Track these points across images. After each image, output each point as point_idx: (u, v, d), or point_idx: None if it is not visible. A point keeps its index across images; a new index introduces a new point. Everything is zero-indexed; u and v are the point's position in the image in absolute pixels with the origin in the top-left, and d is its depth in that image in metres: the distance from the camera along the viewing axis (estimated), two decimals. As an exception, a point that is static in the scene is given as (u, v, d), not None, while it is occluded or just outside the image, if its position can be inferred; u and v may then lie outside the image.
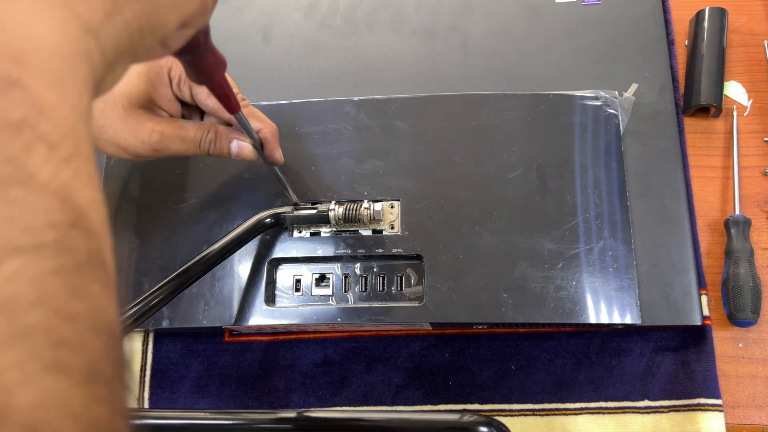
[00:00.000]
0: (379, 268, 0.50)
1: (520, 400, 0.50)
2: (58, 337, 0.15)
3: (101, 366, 0.16)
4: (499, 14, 0.58)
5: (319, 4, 0.61)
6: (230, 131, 0.45)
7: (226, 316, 0.50)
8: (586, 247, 0.48)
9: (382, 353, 0.52)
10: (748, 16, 0.60)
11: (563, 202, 0.49)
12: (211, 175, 0.54)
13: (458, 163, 0.51)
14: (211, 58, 0.33)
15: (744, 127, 0.56)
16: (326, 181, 0.52)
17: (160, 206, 0.53)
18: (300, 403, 0.51)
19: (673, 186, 0.51)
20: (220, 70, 0.35)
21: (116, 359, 0.17)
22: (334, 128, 0.53)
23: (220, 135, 0.45)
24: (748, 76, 0.58)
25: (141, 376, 0.53)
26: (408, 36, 0.59)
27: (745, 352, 0.50)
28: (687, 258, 0.48)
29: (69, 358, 0.15)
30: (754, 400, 0.48)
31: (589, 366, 0.50)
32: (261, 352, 0.53)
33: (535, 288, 0.47)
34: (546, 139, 0.51)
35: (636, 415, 0.48)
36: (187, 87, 0.45)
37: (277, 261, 0.51)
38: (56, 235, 0.16)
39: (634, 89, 0.53)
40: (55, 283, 0.16)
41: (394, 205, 0.51)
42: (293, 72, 0.58)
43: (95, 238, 0.17)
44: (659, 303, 0.47)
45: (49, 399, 0.14)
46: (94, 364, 0.16)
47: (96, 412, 0.16)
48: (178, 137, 0.44)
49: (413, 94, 0.54)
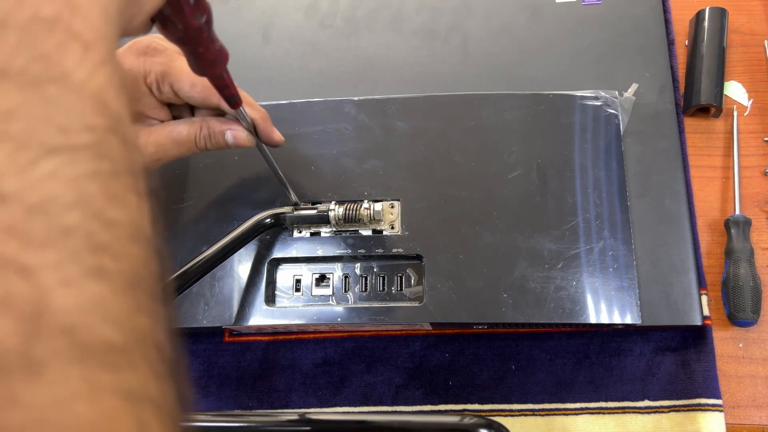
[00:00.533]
0: (379, 268, 0.50)
1: (520, 400, 0.50)
2: (98, 241, 0.15)
3: (143, 275, 0.16)
4: (499, 14, 0.58)
5: (319, 4, 0.61)
6: (222, 122, 0.44)
7: (226, 316, 0.50)
8: (586, 247, 0.48)
9: (382, 353, 0.52)
10: (748, 16, 0.60)
11: (563, 202, 0.49)
12: (211, 175, 0.54)
13: (458, 163, 0.51)
14: (214, 49, 0.34)
15: (744, 127, 0.56)
16: (326, 181, 0.52)
17: (160, 206, 0.53)
18: (300, 403, 0.51)
19: (673, 186, 0.51)
20: (222, 62, 0.35)
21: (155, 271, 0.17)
22: (334, 128, 0.53)
23: (213, 129, 0.44)
24: (748, 76, 0.58)
25: (141, 376, 0.53)
26: (408, 36, 0.59)
27: (745, 352, 0.50)
28: (687, 258, 0.48)
29: (110, 263, 0.15)
30: (755, 400, 0.48)
31: (589, 366, 0.50)
32: (261, 352, 0.53)
33: (535, 288, 0.47)
34: (546, 139, 0.51)
35: (636, 415, 0.48)
36: (168, 86, 0.43)
37: (277, 261, 0.51)
38: (94, 138, 0.15)
39: (634, 89, 0.53)
40: (94, 187, 0.15)
41: (394, 205, 0.51)
42: (293, 72, 0.58)
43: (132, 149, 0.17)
44: (659, 303, 0.47)
45: (90, 303, 0.14)
46: (135, 273, 0.15)
47: (139, 320, 0.15)
48: (172, 142, 0.43)
49: (413, 94, 0.54)
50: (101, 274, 0.14)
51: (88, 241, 0.14)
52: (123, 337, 0.14)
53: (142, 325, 0.15)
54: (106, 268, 0.15)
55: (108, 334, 0.14)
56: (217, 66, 0.35)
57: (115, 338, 0.14)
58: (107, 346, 0.14)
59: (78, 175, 0.15)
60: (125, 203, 0.16)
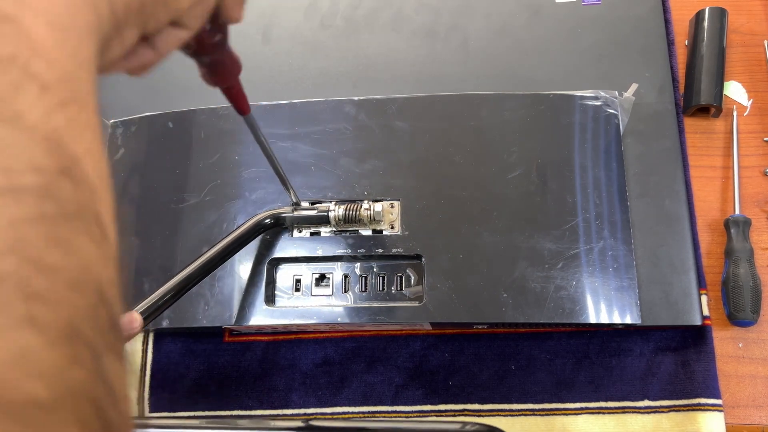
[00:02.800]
0: (379, 268, 0.50)
1: (520, 400, 0.50)
2: (32, 289, 0.14)
3: (82, 326, 0.15)
4: (499, 14, 0.58)
5: (319, 4, 0.61)
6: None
7: (226, 316, 0.50)
8: (586, 247, 0.48)
9: (382, 353, 0.52)
10: (748, 16, 0.60)
11: (563, 202, 0.49)
12: (211, 175, 0.54)
13: (458, 163, 0.51)
14: (228, 61, 0.33)
15: (744, 127, 0.56)
16: (326, 181, 0.52)
17: (160, 206, 0.53)
18: (300, 403, 0.51)
19: (673, 186, 0.51)
20: (236, 73, 0.35)
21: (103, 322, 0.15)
22: (334, 128, 0.53)
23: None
24: (748, 76, 0.58)
25: (141, 376, 0.53)
26: (408, 36, 0.59)
27: (745, 352, 0.50)
28: (687, 258, 0.48)
29: (43, 313, 0.14)
30: (754, 400, 0.48)
31: (589, 366, 0.50)
32: (261, 352, 0.53)
33: (535, 288, 0.47)
34: (546, 139, 0.51)
35: (636, 415, 0.48)
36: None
37: (277, 261, 0.51)
38: (40, 180, 0.15)
39: (634, 89, 0.53)
40: (33, 231, 0.14)
41: (394, 205, 0.51)
42: (293, 72, 0.58)
43: (89, 190, 0.16)
44: (659, 303, 0.47)
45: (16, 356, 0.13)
46: (73, 324, 0.14)
47: (73, 374, 0.14)
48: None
49: (413, 94, 0.54)
50: (32, 324, 0.13)
51: (19, 288, 0.13)
52: (51, 393, 0.13)
53: (77, 379, 0.14)
54: (39, 318, 0.14)
55: (33, 389, 0.13)
56: (230, 78, 0.35)
57: (42, 394, 0.13)
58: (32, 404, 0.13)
59: (17, 219, 0.14)
60: (70, 248, 0.15)
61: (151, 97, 0.58)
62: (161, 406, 0.53)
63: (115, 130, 0.57)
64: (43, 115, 0.15)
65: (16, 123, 0.15)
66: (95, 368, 0.15)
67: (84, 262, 0.15)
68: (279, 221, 0.50)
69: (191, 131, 0.55)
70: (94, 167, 0.17)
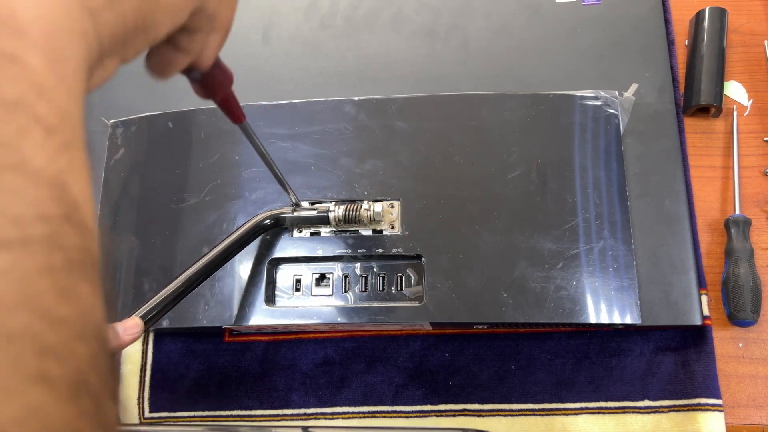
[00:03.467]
0: (379, 268, 0.50)
1: (520, 400, 0.50)
2: (43, 344, 0.14)
3: (88, 377, 0.15)
4: (499, 14, 0.58)
5: (319, 4, 0.61)
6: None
7: (226, 316, 0.50)
8: (586, 247, 0.48)
9: (382, 353, 0.52)
10: (748, 16, 0.60)
11: (563, 202, 0.49)
12: (211, 175, 0.54)
13: (458, 163, 0.51)
14: (219, 75, 0.33)
15: (744, 127, 0.56)
16: (326, 182, 0.52)
17: (160, 206, 0.53)
18: (300, 403, 0.51)
19: (673, 186, 0.50)
20: (227, 85, 0.34)
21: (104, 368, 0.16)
22: (334, 128, 0.53)
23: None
24: (748, 76, 0.58)
25: (141, 376, 0.53)
26: (408, 36, 0.59)
27: (745, 352, 0.50)
28: (687, 258, 0.48)
29: (54, 368, 0.14)
30: (754, 400, 0.48)
31: (589, 366, 0.50)
32: (261, 352, 0.53)
33: (535, 288, 0.47)
34: (546, 139, 0.51)
35: (636, 415, 0.48)
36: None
37: (277, 261, 0.51)
38: (48, 229, 0.15)
39: (634, 89, 0.53)
40: (44, 283, 0.14)
41: (394, 205, 0.51)
42: (293, 72, 0.58)
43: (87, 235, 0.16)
44: (659, 303, 0.47)
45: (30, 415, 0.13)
46: (81, 375, 0.14)
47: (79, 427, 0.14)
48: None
49: (413, 94, 0.54)
50: (44, 380, 0.13)
51: (33, 344, 0.13)
52: None
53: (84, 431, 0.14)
54: (50, 373, 0.14)
55: None
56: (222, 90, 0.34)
57: None
58: None
59: (28, 272, 0.14)
60: (76, 297, 0.15)
61: (151, 97, 0.58)
62: (161, 406, 0.53)
63: (115, 130, 0.57)
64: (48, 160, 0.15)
65: (24, 169, 0.14)
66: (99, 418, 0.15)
67: (86, 309, 0.15)
68: (279, 222, 0.50)
69: (191, 131, 0.55)
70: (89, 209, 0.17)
